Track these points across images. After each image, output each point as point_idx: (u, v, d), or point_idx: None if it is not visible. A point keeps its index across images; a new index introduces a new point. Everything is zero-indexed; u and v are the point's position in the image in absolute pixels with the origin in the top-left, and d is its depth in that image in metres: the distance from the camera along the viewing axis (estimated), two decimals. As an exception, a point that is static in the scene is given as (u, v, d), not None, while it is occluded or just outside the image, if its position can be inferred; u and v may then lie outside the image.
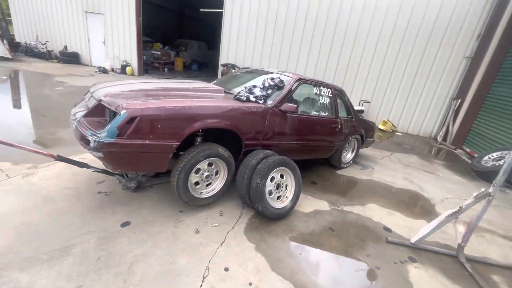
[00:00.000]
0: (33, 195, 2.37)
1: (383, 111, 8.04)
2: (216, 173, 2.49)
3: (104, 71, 9.65)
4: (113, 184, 2.70)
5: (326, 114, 3.34)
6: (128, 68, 10.00)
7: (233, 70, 3.76)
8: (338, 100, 3.58)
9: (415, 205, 3.34)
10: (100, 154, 1.80)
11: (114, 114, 1.89)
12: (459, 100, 6.90)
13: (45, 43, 10.88)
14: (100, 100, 2.05)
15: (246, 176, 2.38)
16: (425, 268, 2.22)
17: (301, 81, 3.01)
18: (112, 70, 10.13)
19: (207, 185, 2.46)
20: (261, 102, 2.63)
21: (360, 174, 4.05)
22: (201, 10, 16.28)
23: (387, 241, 2.46)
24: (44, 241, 1.89)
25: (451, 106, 7.11)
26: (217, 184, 2.51)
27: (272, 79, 2.89)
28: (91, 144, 1.77)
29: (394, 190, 3.65)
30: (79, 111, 2.19)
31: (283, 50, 8.73)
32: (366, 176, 4.01)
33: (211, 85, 2.82)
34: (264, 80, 2.89)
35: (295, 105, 2.67)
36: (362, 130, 4.08)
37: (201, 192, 2.42)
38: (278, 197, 2.57)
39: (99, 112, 2.15)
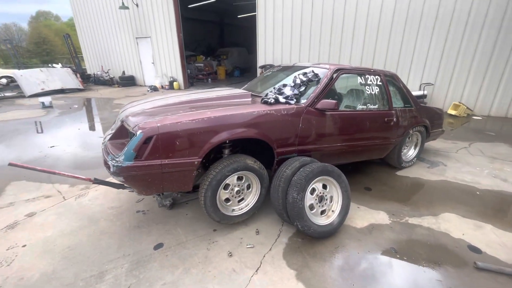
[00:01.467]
0: (81, 216, 2.50)
1: (453, 92, 6.70)
2: (248, 187, 2.24)
3: (154, 89, 10.46)
4: (151, 202, 2.70)
5: (376, 106, 2.79)
6: (175, 84, 10.65)
7: (265, 71, 3.49)
8: (391, 88, 2.98)
9: (514, 212, 2.52)
10: (121, 178, 1.73)
11: (133, 135, 1.81)
12: None
13: (107, 72, 12.42)
14: (123, 121, 2.01)
15: (281, 190, 2.07)
16: (543, 310, 1.56)
17: (340, 71, 2.56)
18: (162, 87, 10.93)
19: (239, 201, 2.23)
20: (292, 102, 2.30)
21: (428, 174, 3.32)
22: (239, 16, 16.54)
23: (476, 267, 1.85)
24: (83, 265, 1.92)
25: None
26: (250, 199, 2.26)
27: (305, 73, 2.52)
28: (111, 169, 1.72)
29: (479, 193, 2.85)
30: (108, 134, 2.21)
31: (323, 40, 8.09)
32: (437, 176, 3.26)
33: (237, 91, 2.60)
34: (295, 76, 2.54)
35: (334, 101, 2.25)
36: (426, 120, 3.33)
37: (233, 209, 2.21)
38: (322, 212, 2.19)
39: (125, 133, 2.12)
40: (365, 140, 2.74)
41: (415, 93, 6.58)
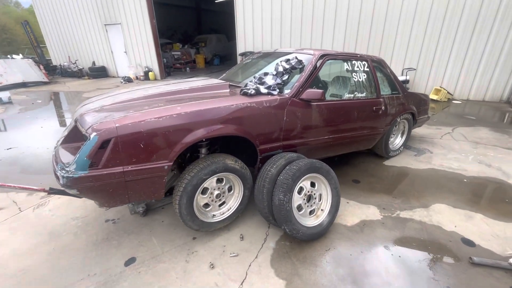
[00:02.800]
0: (40, 230, 2.18)
1: (434, 77, 6.73)
2: (230, 189, 2.02)
3: (128, 80, 9.80)
4: (123, 209, 2.41)
5: (364, 94, 2.62)
6: (150, 74, 10.03)
7: (245, 58, 3.21)
8: (378, 74, 2.81)
9: (502, 200, 2.48)
10: (75, 191, 1.45)
11: (87, 138, 1.51)
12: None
13: (75, 62, 11.48)
14: (76, 120, 1.69)
15: (265, 191, 1.86)
16: (542, 306, 1.50)
17: (326, 57, 2.34)
18: (137, 77, 10.27)
19: (220, 205, 2.01)
20: (275, 93, 2.06)
21: (415, 162, 3.25)
22: (216, 1, 15.77)
23: (471, 263, 1.76)
24: (39, 292, 1.64)
25: (529, 57, 5.58)
26: (233, 203, 2.05)
27: (288, 60, 2.28)
28: (61, 181, 1.42)
29: (466, 181, 2.80)
30: (62, 137, 1.88)
31: (304, 25, 7.82)
32: (424, 164, 3.19)
33: (213, 81, 2.32)
34: (277, 64, 2.29)
35: (320, 91, 2.04)
36: (413, 107, 3.23)
37: (214, 215, 1.98)
38: (311, 212, 2.02)
39: (81, 135, 1.80)
40: (353, 131, 2.57)
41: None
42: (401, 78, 6.52)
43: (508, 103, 6.04)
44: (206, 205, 1.94)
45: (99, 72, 11.07)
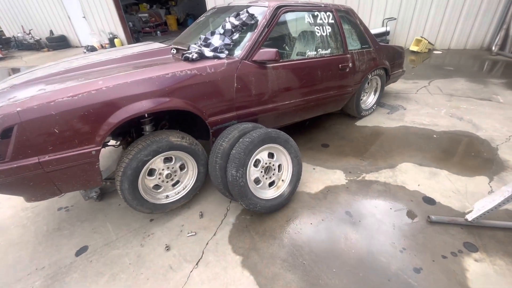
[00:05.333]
0: (-14, 225, 2.03)
1: (416, 26, 6.38)
2: (183, 167, 1.87)
3: (92, 49, 8.92)
4: (76, 195, 2.26)
5: (329, 51, 2.37)
6: (116, 41, 9.14)
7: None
8: (346, 26, 2.53)
9: (468, 154, 2.46)
10: (-16, 189, 1.26)
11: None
12: (525, -13, 5.04)
13: (29, 33, 10.28)
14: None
15: (218, 167, 1.73)
16: (491, 259, 1.52)
17: (282, 9, 2.04)
18: (102, 46, 9.36)
19: (173, 185, 1.87)
20: (222, 56, 1.81)
21: (387, 120, 3.15)
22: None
23: (430, 221, 1.75)
24: (-19, 292, 1.55)
25: (513, -2, 5.27)
26: (188, 181, 1.92)
27: (238, 15, 1.97)
28: (-39, 179, 1.22)
29: (436, 136, 2.75)
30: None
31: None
32: (396, 121, 3.10)
33: (155, 46, 2.02)
34: (225, 20, 1.98)
35: (273, 50, 1.80)
36: (386, 62, 3.02)
37: (167, 195, 1.86)
38: (271, 183, 1.92)
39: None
40: (318, 93, 2.38)
41: (378, 30, 6.16)
42: (381, 29, 6.14)
43: (488, 50, 5.87)
44: (157, 186, 1.80)
45: (59, 43, 10.01)
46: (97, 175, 1.50)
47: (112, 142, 2.32)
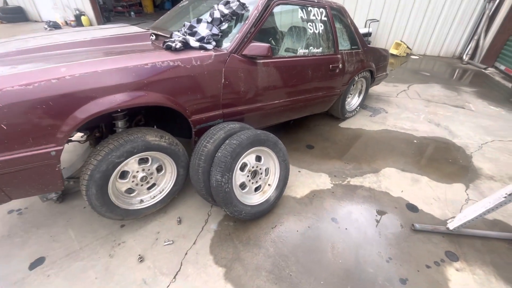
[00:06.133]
0: None
1: (396, 30, 6.56)
2: (160, 168, 1.68)
3: (55, 26, 8.05)
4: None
5: (320, 49, 2.28)
6: (83, 18, 8.31)
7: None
8: (337, 25, 2.45)
9: (446, 160, 2.54)
10: None
11: None
12: (496, 2, 5.35)
13: (-21, 0, 8.99)
14: None
15: (201, 171, 1.57)
16: (471, 268, 1.55)
17: (276, 1, 1.89)
18: (66, 23, 8.47)
19: (149, 188, 1.68)
20: (209, 47, 1.62)
21: (370, 123, 3.17)
22: None
23: (413, 230, 1.76)
24: None
25: (485, 11, 5.58)
26: (165, 184, 1.73)
27: (227, 3, 1.78)
28: None
29: (416, 141, 2.81)
30: None
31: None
32: (378, 125, 3.13)
33: (132, 30, 1.77)
34: (213, 7, 1.79)
35: (265, 45, 1.65)
36: (372, 64, 3.01)
37: (141, 200, 1.67)
38: (257, 188, 1.81)
39: None
40: (307, 93, 2.29)
41: (361, 30, 6.23)
42: (364, 30, 6.22)
43: (459, 58, 6.21)
44: (130, 190, 1.60)
45: (15, 15, 8.88)
46: (57, 178, 1.27)
47: (77, 135, 2.05)
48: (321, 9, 2.24)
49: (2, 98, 1.02)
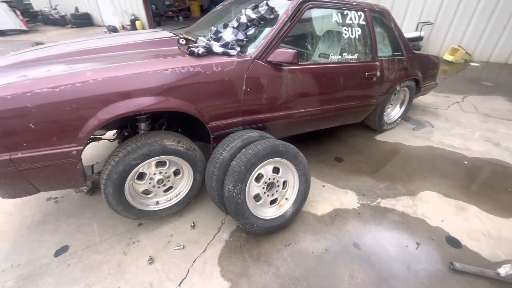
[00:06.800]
0: (-26, 208, 1.95)
1: (453, 34, 5.86)
2: (177, 172, 1.69)
3: (114, 30, 8.90)
4: (69, 185, 2.15)
5: (356, 56, 2.09)
6: (137, 23, 9.07)
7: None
8: (378, 30, 2.23)
9: (504, 189, 2.14)
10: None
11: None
12: None
13: (55, 8, 10.40)
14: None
15: (215, 179, 1.54)
16: (527, 329, 1.25)
17: (308, 4, 1.78)
18: (123, 27, 9.33)
19: (166, 191, 1.71)
20: (233, 53, 1.59)
21: (412, 137, 2.84)
22: None
23: (452, 269, 1.50)
24: (-47, 285, 1.45)
25: None
26: (182, 188, 1.74)
27: (255, 8, 1.73)
28: None
29: (467, 163, 2.43)
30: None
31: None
32: (422, 140, 2.79)
33: (162, 34, 1.83)
34: (240, 12, 1.75)
35: (292, 51, 1.56)
36: (418, 72, 2.69)
37: (157, 202, 1.70)
38: (273, 201, 1.71)
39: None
40: (337, 102, 2.12)
41: (411, 34, 5.71)
42: (414, 34, 5.68)
43: (533, 67, 5.30)
44: (147, 191, 1.64)
45: (83, 20, 10.08)
46: (78, 176, 1.35)
47: (109, 134, 2.18)
48: (359, 13, 2.06)
49: (32, 99, 1.11)
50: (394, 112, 2.94)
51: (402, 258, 1.56)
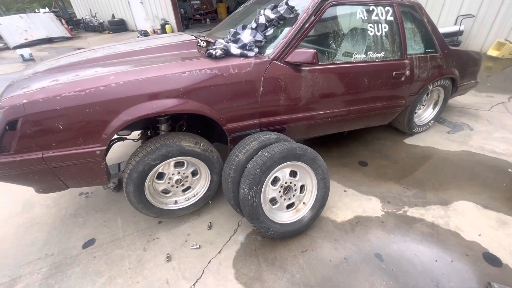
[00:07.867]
0: (18, 198, 2.17)
1: (498, 27, 5.30)
2: (195, 173, 1.72)
3: (145, 34, 9.40)
4: (98, 182, 2.29)
5: (382, 54, 1.97)
6: (167, 27, 9.47)
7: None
8: (408, 25, 2.08)
9: (557, 201, 1.88)
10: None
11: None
12: None
13: (95, 15, 11.22)
14: (4, 91, 1.43)
15: (231, 181, 1.54)
16: None
17: (330, 1, 1.70)
18: (154, 31, 9.80)
19: (184, 190, 1.74)
20: (251, 54, 1.57)
21: (446, 141, 2.61)
22: None
23: (490, 290, 1.34)
24: (-2, 267, 1.62)
25: None
26: (200, 188, 1.77)
27: (275, 8, 1.70)
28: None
29: (511, 171, 2.17)
30: None
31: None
32: (458, 144, 2.55)
33: (183, 38, 1.87)
34: (259, 12, 1.73)
35: (311, 51, 1.50)
36: (455, 70, 2.46)
37: (176, 201, 1.74)
38: (290, 206, 1.67)
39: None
40: (361, 103, 2.01)
41: (448, 29, 5.27)
42: (453, 28, 5.23)
43: None
44: (166, 191, 1.69)
45: (119, 26, 10.77)
46: (102, 174, 1.42)
47: (134, 134, 2.28)
48: (386, 8, 1.93)
49: (60, 102, 1.19)
50: (426, 113, 2.72)
51: (430, 274, 1.44)
